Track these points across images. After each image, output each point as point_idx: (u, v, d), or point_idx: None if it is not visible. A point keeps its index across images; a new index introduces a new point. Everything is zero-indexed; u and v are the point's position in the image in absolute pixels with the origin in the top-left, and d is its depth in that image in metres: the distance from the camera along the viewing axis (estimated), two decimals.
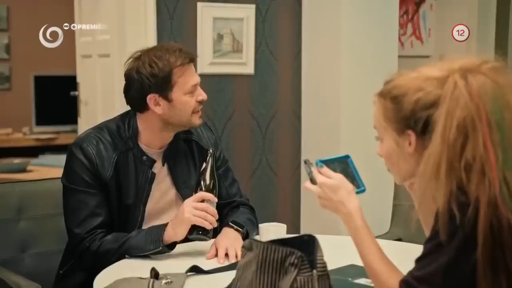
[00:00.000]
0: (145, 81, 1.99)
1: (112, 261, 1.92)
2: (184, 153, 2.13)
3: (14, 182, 2.39)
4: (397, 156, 1.41)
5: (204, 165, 1.98)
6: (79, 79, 4.04)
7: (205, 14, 3.50)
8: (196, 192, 1.96)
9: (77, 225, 1.99)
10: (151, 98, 2.01)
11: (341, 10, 3.53)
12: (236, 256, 1.90)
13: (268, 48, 3.70)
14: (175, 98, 2.02)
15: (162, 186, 2.10)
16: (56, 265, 2.13)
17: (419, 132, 1.35)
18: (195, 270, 1.80)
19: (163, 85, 2.00)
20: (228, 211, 2.18)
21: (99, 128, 2.09)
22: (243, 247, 1.40)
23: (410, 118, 1.36)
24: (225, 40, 3.58)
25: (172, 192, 2.11)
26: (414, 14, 4.62)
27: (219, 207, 2.02)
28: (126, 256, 1.94)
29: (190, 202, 1.93)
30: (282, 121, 3.78)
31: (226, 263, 1.89)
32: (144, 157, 2.06)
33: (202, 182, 1.96)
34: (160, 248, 1.91)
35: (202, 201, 1.93)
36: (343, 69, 3.56)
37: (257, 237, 2.00)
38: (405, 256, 1.52)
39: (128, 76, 2.05)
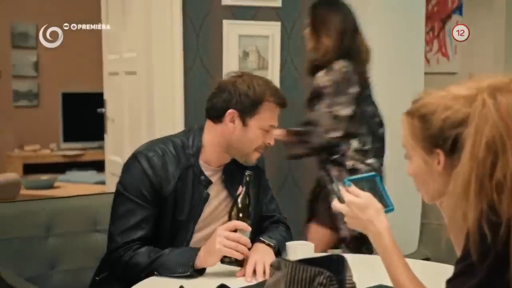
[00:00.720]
0: (236, 96, 2.03)
1: (142, 276, 1.92)
2: (240, 171, 2.11)
3: (43, 199, 2.41)
4: (426, 175, 1.40)
5: (240, 188, 1.96)
6: (106, 96, 4.08)
7: (231, 32, 3.52)
8: (230, 215, 1.94)
9: (119, 233, 1.99)
10: (231, 113, 2.03)
11: (366, 26, 3.52)
12: (264, 273, 1.89)
13: (294, 65, 3.71)
14: (250, 125, 2.04)
15: (214, 203, 2.11)
16: (85, 282, 2.14)
17: (448, 151, 1.34)
18: None
19: (248, 107, 2.03)
20: (268, 225, 2.19)
21: (164, 140, 2.09)
22: (271, 266, 1.40)
23: (439, 137, 1.35)
24: (250, 57, 3.60)
25: (225, 206, 2.10)
26: (440, 30, 4.61)
27: (258, 220, 2.01)
28: (155, 273, 1.94)
29: (222, 231, 1.90)
30: None
31: (254, 281, 1.88)
32: (202, 177, 2.07)
33: (236, 208, 1.93)
34: (189, 273, 1.90)
35: (235, 230, 1.91)
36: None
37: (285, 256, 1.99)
38: (433, 276, 1.51)
39: (222, 85, 2.08)
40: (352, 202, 1.49)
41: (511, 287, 1.21)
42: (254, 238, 2.05)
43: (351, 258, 1.37)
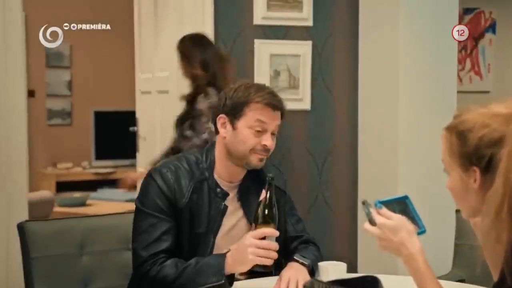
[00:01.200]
0: (222, 101, 2.09)
1: None
2: (256, 188, 2.13)
3: (77, 218, 2.43)
4: (463, 192, 1.38)
5: (263, 193, 1.96)
6: (138, 115, 4.12)
7: (262, 51, 3.54)
8: (256, 222, 1.93)
9: (142, 248, 2.00)
10: (220, 118, 2.08)
11: (398, 45, 3.52)
12: None
13: (325, 83, 3.71)
14: (239, 127, 2.05)
15: (233, 219, 2.12)
16: None
17: (483, 169, 1.32)
18: None
19: (234, 109, 2.05)
20: (297, 245, 2.18)
21: (178, 158, 2.15)
22: (304, 286, 1.39)
23: (474, 155, 1.33)
24: (281, 76, 3.61)
25: (243, 225, 2.12)
26: (472, 49, 4.57)
27: (287, 241, 2.01)
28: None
29: (252, 241, 1.89)
30: (338, 157, 3.75)
31: None
32: (218, 189, 2.09)
33: (261, 212, 1.92)
34: (223, 281, 1.90)
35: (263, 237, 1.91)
36: (401, 105, 3.53)
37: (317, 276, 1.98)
38: None
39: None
40: (384, 224, 1.48)
41: None
42: (285, 259, 2.04)
43: (383, 278, 1.35)
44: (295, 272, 1.96)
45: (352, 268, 3.60)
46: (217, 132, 2.12)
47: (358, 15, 3.70)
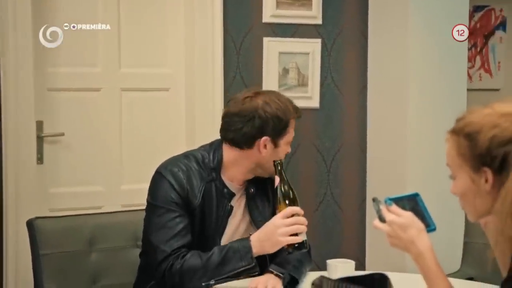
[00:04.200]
0: (269, 121, 2.01)
1: (197, 284, 1.91)
2: (262, 189, 2.13)
3: (87, 215, 2.44)
4: (473, 193, 1.38)
5: (276, 179, 1.96)
6: None
7: (271, 49, 3.54)
8: (277, 207, 1.93)
9: (165, 242, 1.97)
10: (265, 140, 2.03)
11: (408, 43, 3.51)
12: None
13: (334, 81, 3.71)
14: (281, 145, 2.06)
15: (236, 221, 2.11)
16: None
17: (496, 169, 1.32)
18: None
19: (281, 130, 2.04)
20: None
21: (186, 156, 2.10)
22: (313, 284, 1.39)
23: (486, 156, 1.33)
24: (290, 74, 3.60)
25: (247, 226, 2.11)
26: (483, 47, 4.55)
27: None
28: (211, 282, 1.91)
29: (280, 221, 1.89)
30: (347, 154, 3.75)
31: None
32: (225, 190, 2.07)
33: (281, 197, 1.93)
34: (254, 263, 1.90)
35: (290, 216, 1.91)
36: (410, 103, 3.52)
37: (325, 274, 1.98)
38: None
39: (247, 111, 2.02)
40: (393, 221, 1.47)
41: None
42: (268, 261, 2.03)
43: (392, 276, 1.35)
44: (266, 279, 1.95)
45: (360, 265, 3.60)
46: (241, 147, 2.04)
47: (368, 13, 3.69)
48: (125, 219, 2.36)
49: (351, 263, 2.01)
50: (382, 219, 1.50)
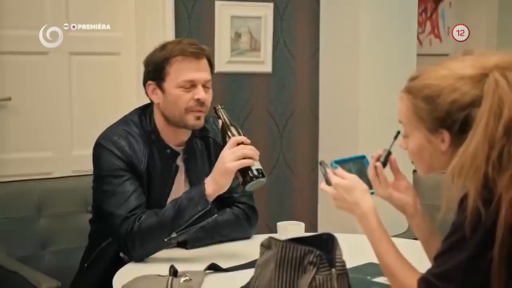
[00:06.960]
0: (149, 65, 2.01)
1: (159, 241, 1.88)
2: (201, 151, 2.10)
3: (35, 180, 2.41)
4: (427, 152, 1.38)
5: (219, 121, 1.92)
6: None
7: (222, 13, 3.50)
8: (225, 141, 1.89)
9: (118, 207, 1.93)
10: (149, 85, 2.01)
11: (359, 8, 3.52)
12: None
13: (286, 46, 3.70)
14: (167, 89, 1.98)
15: (180, 181, 2.08)
16: (76, 263, 2.14)
17: (455, 131, 1.32)
18: (214, 268, 1.80)
19: (156, 72, 1.98)
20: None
21: (124, 122, 2.05)
22: (261, 245, 1.40)
23: (446, 119, 1.32)
24: (242, 39, 3.59)
25: (185, 189, 2.05)
26: (433, 12, 4.60)
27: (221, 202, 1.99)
28: (172, 236, 1.88)
29: (226, 150, 1.84)
30: (299, 119, 3.77)
31: (243, 261, 1.88)
32: (168, 150, 2.03)
33: (228, 134, 1.89)
34: (209, 206, 1.85)
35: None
36: (362, 67, 3.55)
37: (275, 235, 2.00)
38: (423, 255, 1.52)
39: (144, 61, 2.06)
40: (338, 184, 1.49)
41: (493, 264, 1.21)
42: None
43: (340, 237, 1.37)
44: None
45: (313, 228, 3.66)
46: (151, 101, 2.04)
47: None
48: (75, 184, 2.34)
49: (301, 225, 2.04)
50: (328, 182, 1.51)
